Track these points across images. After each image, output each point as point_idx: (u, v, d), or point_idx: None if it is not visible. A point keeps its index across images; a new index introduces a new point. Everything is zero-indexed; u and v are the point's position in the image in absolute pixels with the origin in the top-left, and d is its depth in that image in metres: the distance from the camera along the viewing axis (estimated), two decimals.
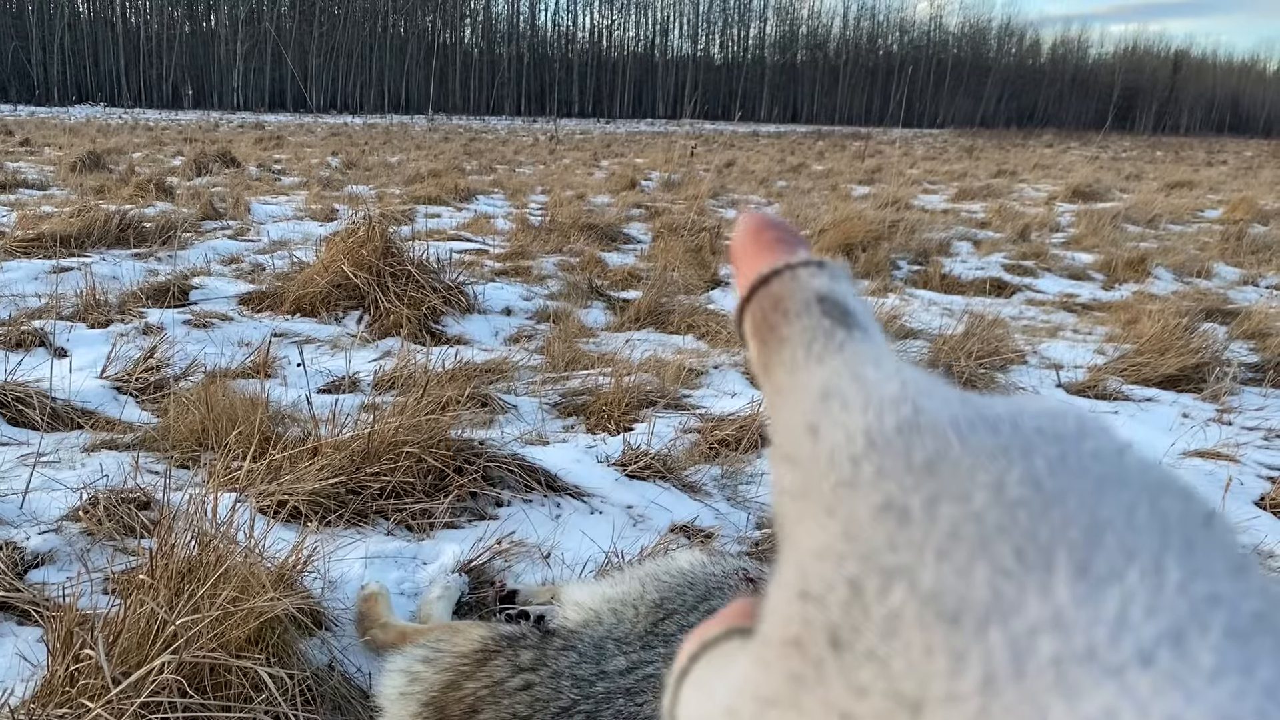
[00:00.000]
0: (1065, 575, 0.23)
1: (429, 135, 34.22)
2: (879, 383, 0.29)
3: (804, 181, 17.32)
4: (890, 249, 8.17)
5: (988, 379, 4.31)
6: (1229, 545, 0.24)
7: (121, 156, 16.35)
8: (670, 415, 3.84)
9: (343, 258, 5.36)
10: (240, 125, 38.45)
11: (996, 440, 0.26)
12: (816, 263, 0.35)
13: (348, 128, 40.16)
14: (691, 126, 57.51)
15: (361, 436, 2.81)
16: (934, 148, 38.53)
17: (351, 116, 65.54)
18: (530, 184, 14.63)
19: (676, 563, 2.04)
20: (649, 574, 1.99)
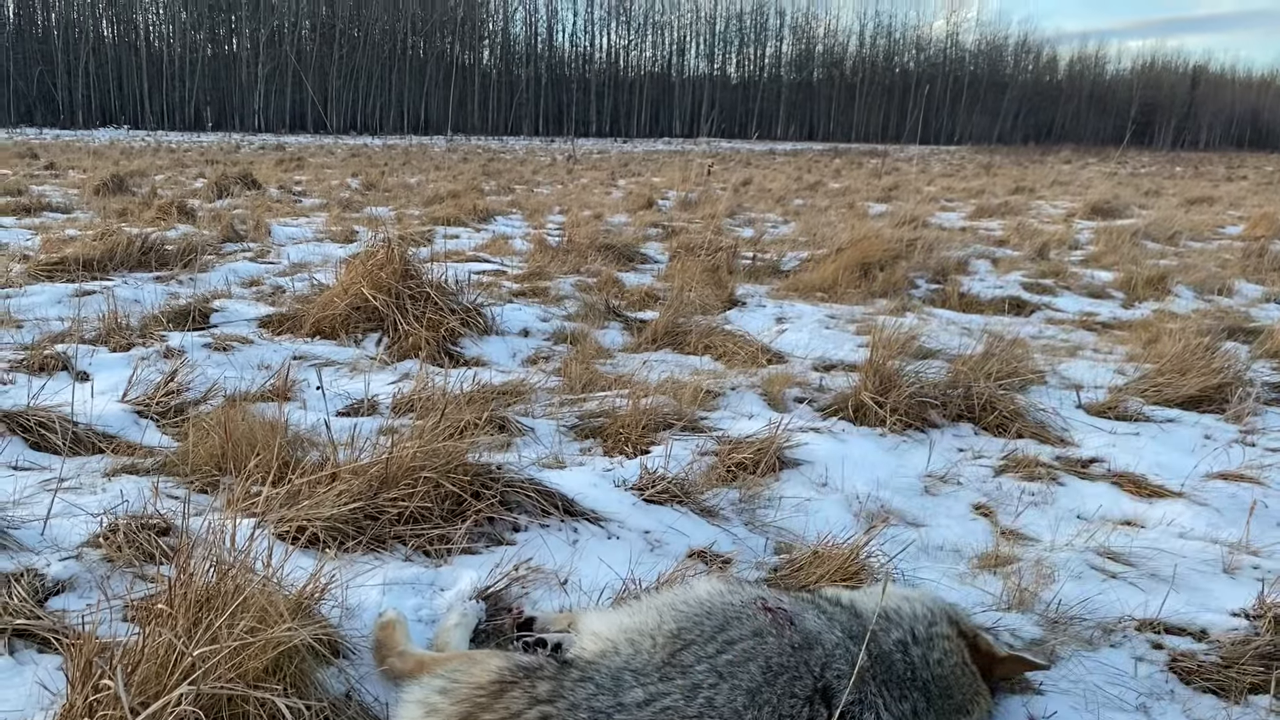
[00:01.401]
0: None
1: (448, 156, 34.46)
2: None
3: (821, 199, 17.32)
4: (908, 267, 8.15)
5: (1007, 400, 4.28)
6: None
7: (144, 179, 16.55)
8: (687, 438, 3.83)
9: (362, 280, 5.39)
10: (261, 147, 38.86)
11: None
12: None
13: (367, 149, 40.52)
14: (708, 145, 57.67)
15: (380, 461, 2.81)
16: (951, 164, 38.45)
17: (371, 138, 66.08)
18: (548, 204, 14.70)
19: (694, 591, 2.03)
20: (666, 603, 1.98)
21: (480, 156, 35.37)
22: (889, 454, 3.86)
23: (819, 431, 3.97)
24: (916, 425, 4.16)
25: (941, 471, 3.70)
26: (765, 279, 8.03)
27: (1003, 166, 35.59)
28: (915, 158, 27.94)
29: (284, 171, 21.14)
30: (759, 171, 27.84)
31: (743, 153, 47.94)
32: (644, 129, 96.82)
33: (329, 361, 4.85)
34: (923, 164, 36.55)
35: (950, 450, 3.97)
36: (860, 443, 3.92)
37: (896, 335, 4.99)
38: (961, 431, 4.19)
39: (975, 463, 3.83)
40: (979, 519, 3.32)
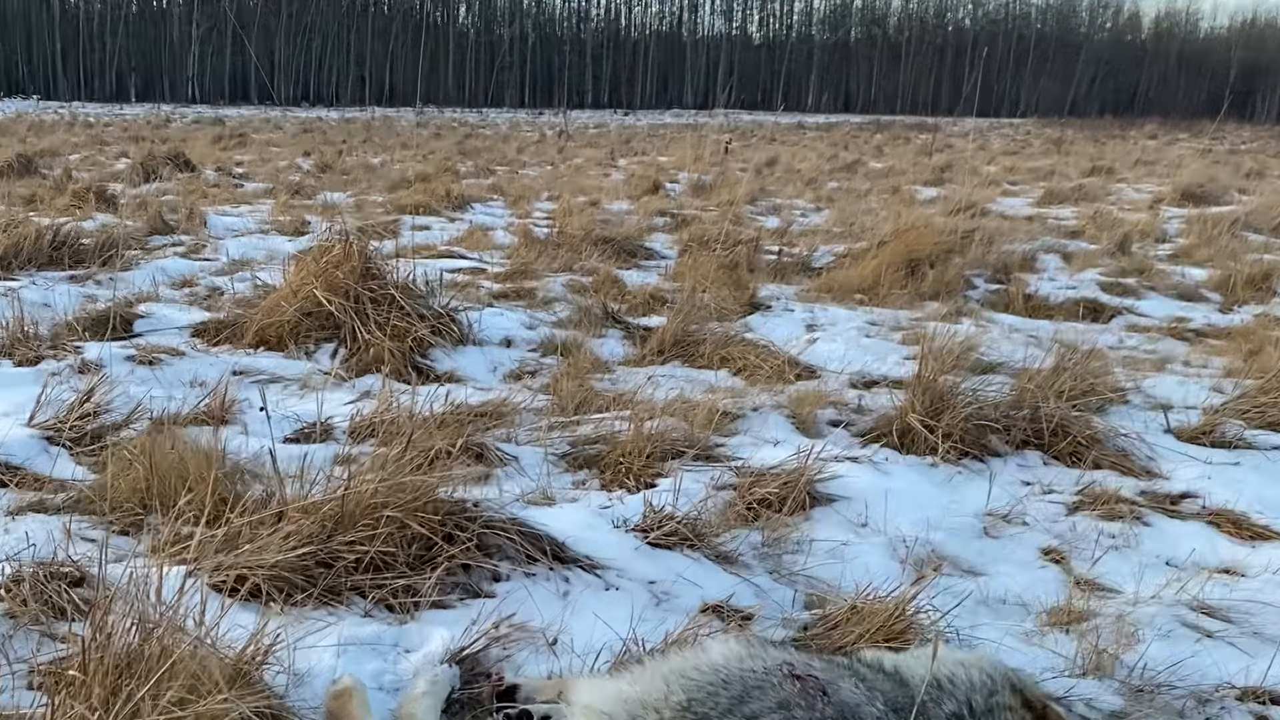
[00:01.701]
0: None
1: (417, 131, 34.59)
2: None
3: (860, 182, 17.37)
4: (964, 264, 8.16)
5: (1082, 423, 4.28)
6: None
7: (56, 159, 16.63)
8: (700, 468, 3.83)
9: (315, 280, 5.41)
10: (196, 121, 39.07)
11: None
12: None
13: (322, 123, 40.73)
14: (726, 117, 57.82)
15: (335, 498, 2.82)
16: (1015, 140, 38.51)
17: (326, 110, 66.35)
18: (535, 189, 14.75)
19: (708, 655, 2.03)
20: (675, 670, 1.97)
21: (455, 132, 35.51)
22: (941, 488, 3.86)
23: (858, 461, 3.97)
24: (974, 453, 4.15)
25: (1004, 509, 3.69)
26: (793, 278, 8.03)
27: (1076, 142, 35.65)
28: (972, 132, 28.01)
29: (222, 150, 21.24)
30: (786, 149, 27.90)
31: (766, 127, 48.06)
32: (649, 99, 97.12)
33: (275, 377, 4.85)
34: (981, 139, 36.62)
35: (1014, 483, 3.96)
36: (907, 474, 3.91)
37: (950, 345, 4.98)
38: (1028, 461, 4.17)
39: (1044, 498, 3.82)
40: (1049, 566, 3.31)
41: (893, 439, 4.23)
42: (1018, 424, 4.26)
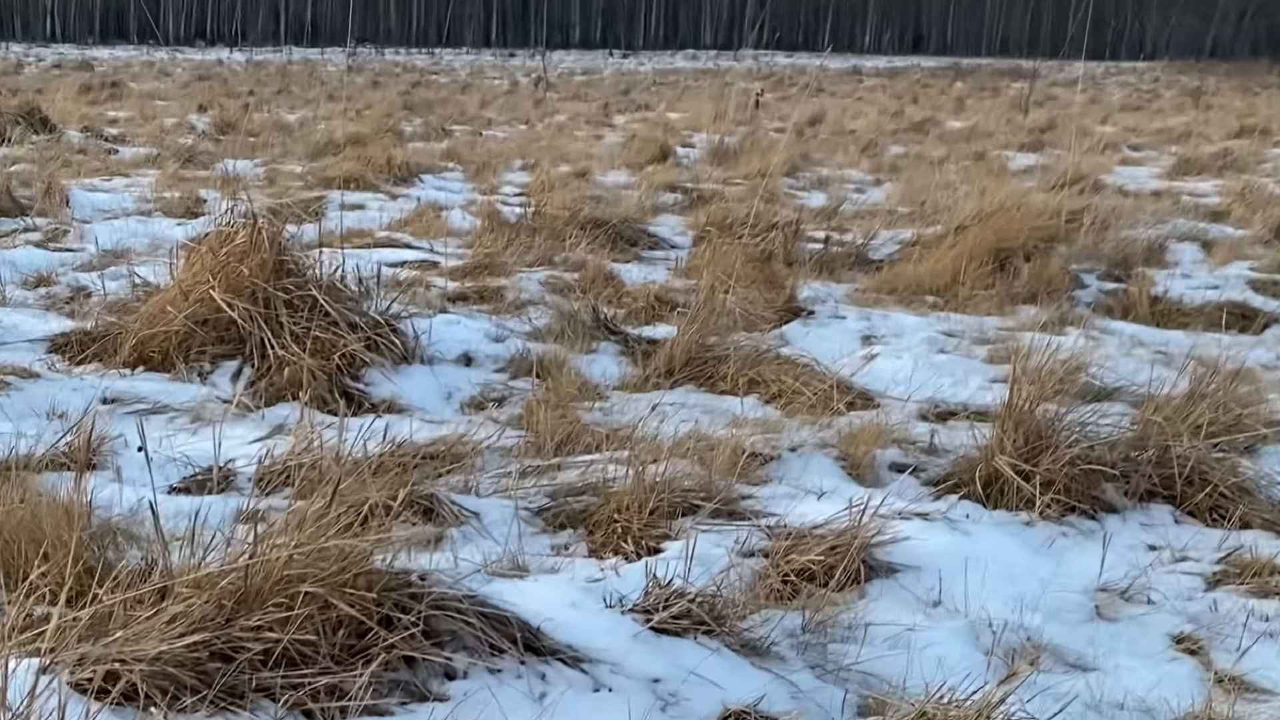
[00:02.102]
0: None
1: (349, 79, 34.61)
2: None
3: (933, 147, 17.40)
4: (1070, 256, 8.16)
5: (1225, 468, 4.28)
6: None
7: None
8: (721, 528, 3.82)
9: (212, 278, 5.41)
10: (56, 65, 39.18)
11: None
12: None
13: (222, 68, 40.84)
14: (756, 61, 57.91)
15: (237, 569, 2.82)
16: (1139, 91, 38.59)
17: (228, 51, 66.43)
18: (505, 155, 14.77)
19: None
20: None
21: (399, 80, 35.64)
22: (1039, 554, 3.85)
23: (929, 518, 3.96)
24: (1083, 508, 4.14)
25: (1122, 582, 3.68)
26: (844, 274, 8.03)
27: (1219, 93, 35.72)
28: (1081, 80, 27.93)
29: (91, 104, 21.30)
30: (836, 102, 28.00)
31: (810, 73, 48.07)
32: (655, 37, 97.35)
33: (158, 407, 4.85)
34: (1093, 90, 36.67)
35: (1136, 548, 3.96)
36: (994, 536, 3.91)
37: (1051, 364, 4.98)
38: (1153, 518, 4.17)
39: (1175, 568, 3.81)
40: (1182, 658, 3.31)
41: (975, 489, 4.22)
42: (1140, 469, 4.25)
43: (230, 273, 5.37)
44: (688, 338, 5.69)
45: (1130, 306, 7.31)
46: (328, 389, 5.04)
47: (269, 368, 5.15)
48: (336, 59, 53.34)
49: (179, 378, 5.17)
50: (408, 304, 6.18)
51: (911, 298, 7.39)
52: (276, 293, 5.32)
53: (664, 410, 4.96)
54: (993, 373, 5.82)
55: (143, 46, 65.44)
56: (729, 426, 4.84)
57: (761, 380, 5.44)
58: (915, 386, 5.49)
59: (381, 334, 5.43)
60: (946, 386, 5.53)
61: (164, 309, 5.42)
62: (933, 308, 7.22)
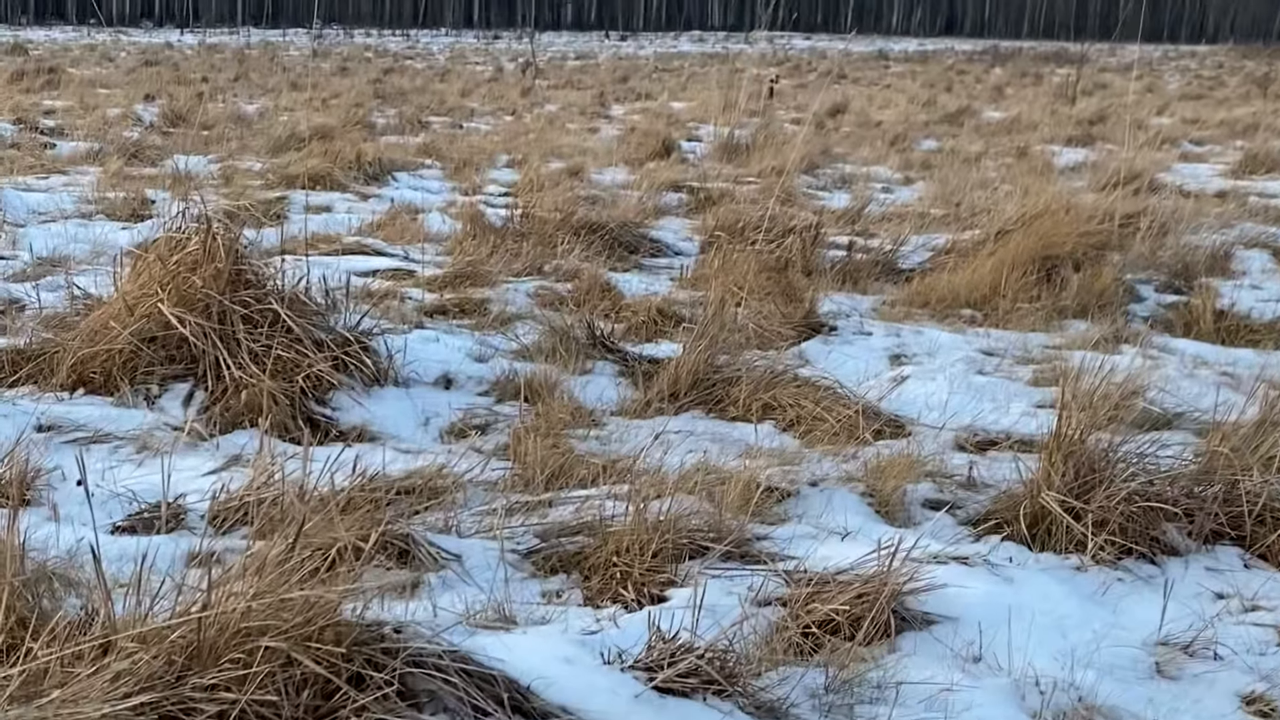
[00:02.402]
0: None
1: (314, 65, 34.74)
2: None
3: (969, 141, 17.44)
4: (1124, 264, 8.17)
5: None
6: None
7: None
8: (733, 573, 3.82)
9: (161, 290, 5.42)
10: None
11: None
12: None
13: (173, 52, 40.98)
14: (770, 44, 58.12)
15: (188, 620, 2.81)
16: (1199, 78, 38.67)
17: (179, 32, 66.68)
18: (489, 150, 14.81)
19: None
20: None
21: (371, 65, 35.71)
22: (1092, 603, 3.84)
23: (967, 562, 3.96)
24: (1140, 550, 4.13)
25: (1185, 635, 3.67)
26: (871, 284, 8.04)
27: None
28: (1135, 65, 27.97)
29: (25, 93, 21.32)
30: (860, 90, 28.06)
31: (832, 57, 48.30)
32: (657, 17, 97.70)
33: (100, 435, 4.84)
34: (1149, 76, 36.75)
35: (1200, 596, 3.95)
36: (1040, 582, 3.90)
37: (1104, 387, 4.97)
38: (1220, 561, 4.16)
39: (1245, 619, 3.80)
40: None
41: (1019, 529, 4.21)
42: (1205, 507, 4.24)
43: (181, 284, 5.36)
44: (694, 357, 5.69)
45: (1192, 321, 7.31)
46: (290, 415, 5.04)
47: (224, 391, 5.14)
48: (300, 42, 53.59)
49: (123, 402, 5.16)
50: (380, 319, 6.19)
51: (946, 311, 7.40)
52: (233, 306, 5.31)
53: (668, 439, 4.96)
54: (1038, 396, 5.82)
55: (83, 28, 65.62)
56: (741, 457, 4.83)
57: (778, 405, 5.43)
58: (951, 412, 5.49)
59: (351, 353, 5.42)
60: (986, 412, 5.53)
61: (107, 324, 5.41)
62: (970, 323, 7.23)
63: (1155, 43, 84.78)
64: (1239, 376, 6.28)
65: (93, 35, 56.46)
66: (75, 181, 11.20)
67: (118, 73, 29.18)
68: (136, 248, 6.20)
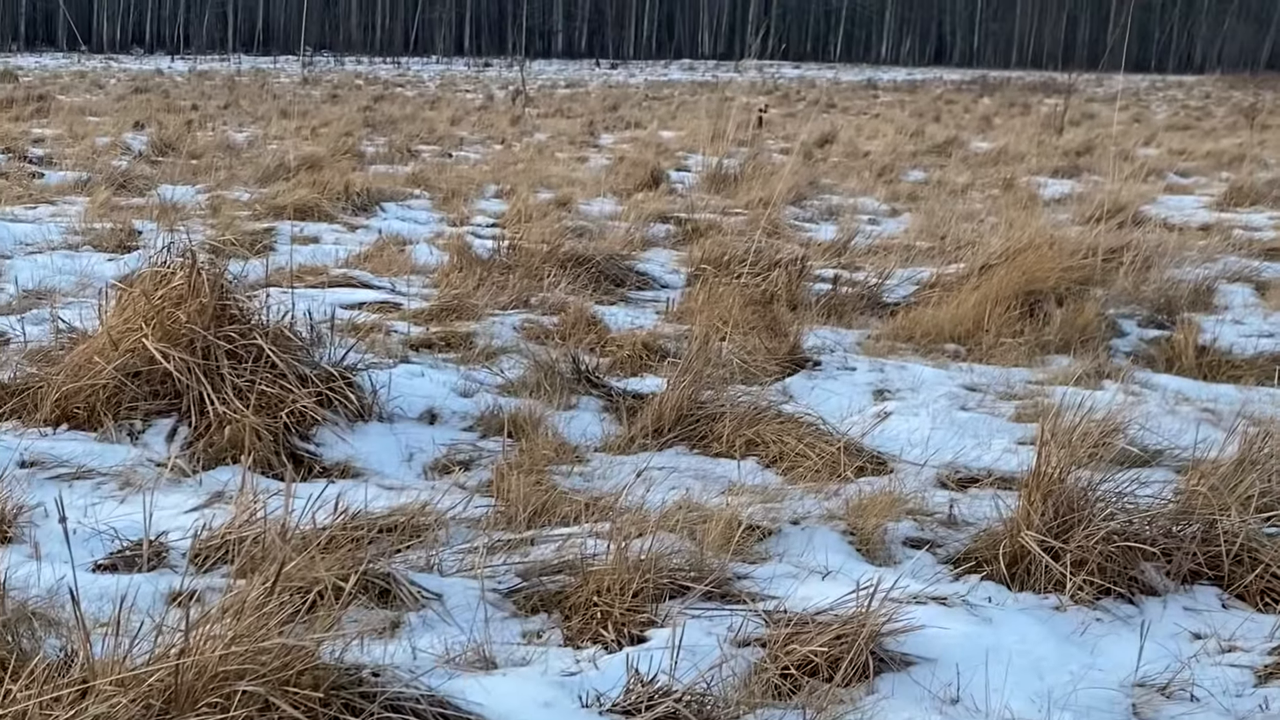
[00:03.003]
0: None
1: (304, 92, 34.80)
2: None
3: (956, 172, 17.50)
4: (1107, 299, 8.20)
5: (1279, 546, 4.28)
6: None
7: None
8: (713, 613, 3.82)
9: (145, 325, 5.42)
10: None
11: None
12: None
13: (163, 79, 41.01)
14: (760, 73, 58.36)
15: (167, 663, 2.81)
16: (1186, 108, 38.81)
17: (169, 59, 66.73)
18: (477, 180, 14.84)
19: None
20: None
21: (361, 93, 35.77)
22: (1070, 644, 3.85)
23: (947, 603, 3.96)
24: (1119, 590, 4.14)
25: (1163, 676, 3.67)
26: (856, 318, 8.06)
27: (1277, 110, 35.96)
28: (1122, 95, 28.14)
29: (14, 121, 21.33)
30: (848, 120, 28.14)
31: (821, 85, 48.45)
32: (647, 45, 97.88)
33: (83, 471, 4.84)
34: (1136, 107, 36.90)
35: (1178, 636, 3.95)
36: (1019, 623, 3.91)
37: (1085, 424, 5.00)
38: (1198, 601, 4.17)
39: (1222, 660, 3.81)
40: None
41: (999, 568, 4.23)
42: (1183, 546, 4.25)
43: (166, 319, 5.37)
44: (679, 392, 5.70)
45: (1174, 357, 7.34)
46: (274, 450, 5.04)
47: (208, 426, 5.15)
48: (291, 69, 53.70)
49: (107, 438, 5.17)
50: (365, 352, 6.19)
51: (930, 346, 7.42)
52: (218, 341, 5.32)
53: (651, 475, 4.98)
54: (1020, 433, 5.84)
55: (74, 54, 65.65)
56: (724, 495, 4.84)
57: (761, 441, 5.44)
58: (933, 449, 5.51)
59: (335, 388, 5.43)
60: (968, 449, 5.55)
61: (91, 359, 5.41)
62: (954, 358, 7.25)
63: (1143, 73, 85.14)
64: (1220, 413, 6.30)
65: (83, 62, 56.50)
66: (63, 212, 11.21)
67: (107, 100, 29.21)
68: (122, 281, 6.21)
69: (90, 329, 5.93)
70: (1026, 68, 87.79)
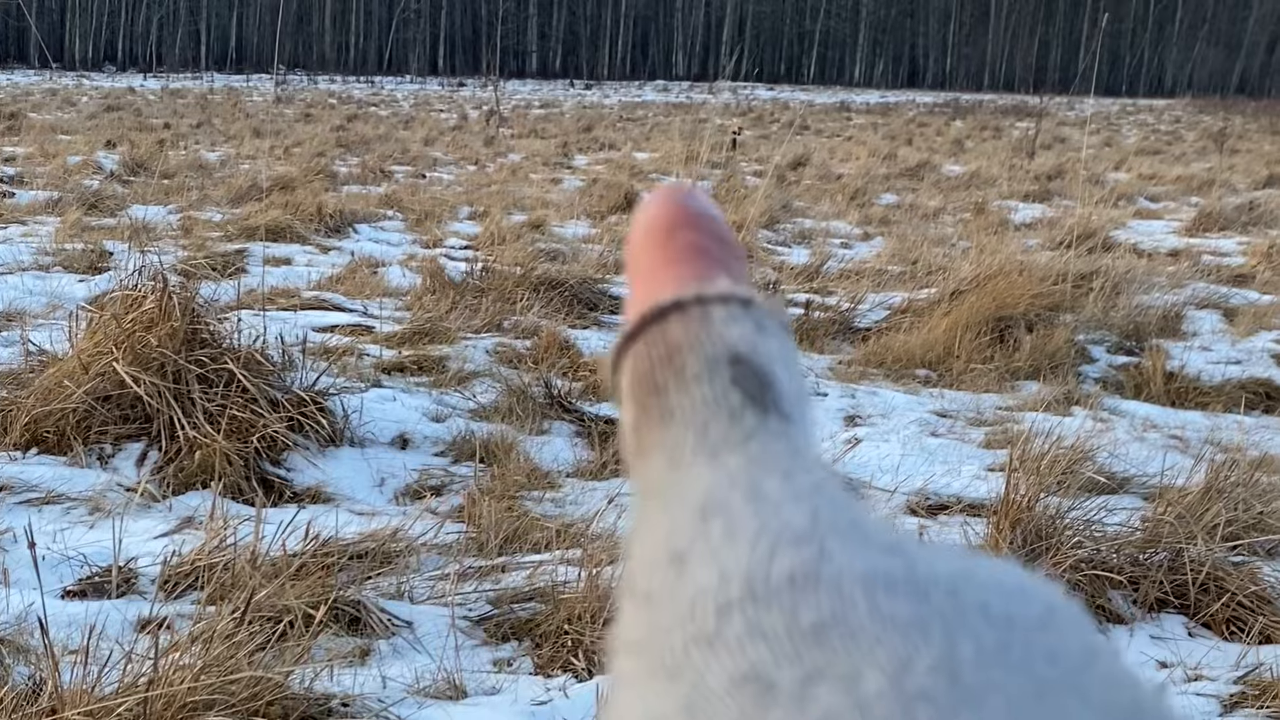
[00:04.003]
0: None
1: (277, 112, 34.74)
2: (784, 506, 0.36)
3: (928, 195, 17.56)
4: (1076, 325, 8.25)
5: (1245, 575, 4.32)
6: None
7: None
8: None
9: (116, 348, 5.43)
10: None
11: (919, 609, 0.32)
12: (742, 299, 0.43)
13: (135, 97, 40.84)
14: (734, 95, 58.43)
15: (135, 691, 2.81)
16: (1157, 132, 39.02)
17: (142, 77, 66.53)
18: (451, 202, 14.83)
19: None
20: None
21: (334, 112, 35.69)
22: None
23: None
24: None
25: None
26: (827, 343, 8.10)
27: (1246, 136, 36.19)
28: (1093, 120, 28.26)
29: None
30: (822, 142, 28.22)
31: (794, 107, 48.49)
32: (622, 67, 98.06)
33: (52, 496, 4.84)
34: (1107, 131, 37.09)
35: (1145, 665, 3.97)
36: None
37: (1055, 451, 5.03)
38: (1164, 629, 4.21)
39: (1188, 689, 3.84)
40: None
41: None
42: (1150, 575, 4.30)
43: (136, 343, 5.37)
44: None
45: (1143, 384, 7.40)
46: (244, 475, 5.05)
47: (178, 451, 5.15)
48: (264, 87, 53.59)
49: (77, 462, 5.16)
50: (337, 376, 6.19)
51: (901, 372, 7.46)
52: (189, 365, 5.33)
53: (624, 502, 4.97)
54: (989, 459, 5.86)
55: (45, 72, 65.47)
56: None
57: None
58: (904, 475, 5.54)
59: (307, 412, 5.44)
60: (938, 475, 5.57)
61: (61, 383, 5.41)
62: (924, 383, 7.28)
63: (1114, 96, 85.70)
64: (1188, 440, 6.34)
65: (55, 79, 56.28)
66: (34, 232, 11.17)
67: (79, 118, 29.10)
68: (92, 303, 6.20)
69: (60, 352, 5.92)
70: (999, 91, 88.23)
